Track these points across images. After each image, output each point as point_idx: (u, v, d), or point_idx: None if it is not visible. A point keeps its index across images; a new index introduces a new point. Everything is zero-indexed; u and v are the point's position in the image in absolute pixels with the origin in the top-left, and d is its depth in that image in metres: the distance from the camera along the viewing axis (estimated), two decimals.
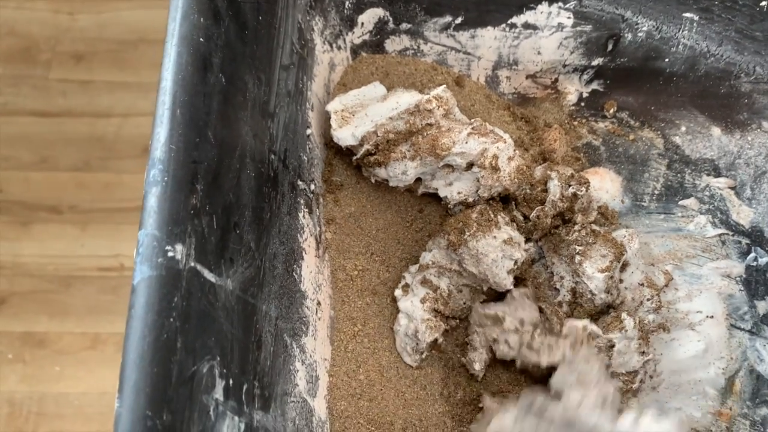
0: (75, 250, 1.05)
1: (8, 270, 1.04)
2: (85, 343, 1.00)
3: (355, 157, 0.52)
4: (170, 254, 0.33)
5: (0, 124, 1.13)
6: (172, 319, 0.32)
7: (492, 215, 0.51)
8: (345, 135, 0.51)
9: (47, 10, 1.21)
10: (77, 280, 1.03)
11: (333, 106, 0.52)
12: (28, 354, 0.99)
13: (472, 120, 0.52)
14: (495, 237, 0.49)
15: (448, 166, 0.52)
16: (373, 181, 0.54)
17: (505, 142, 0.51)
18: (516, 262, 0.50)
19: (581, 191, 0.53)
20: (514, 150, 0.52)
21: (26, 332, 1.00)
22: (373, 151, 0.51)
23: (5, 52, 1.18)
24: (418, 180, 0.53)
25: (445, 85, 0.52)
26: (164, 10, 1.15)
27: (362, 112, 0.52)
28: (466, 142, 0.50)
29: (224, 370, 0.35)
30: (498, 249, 0.49)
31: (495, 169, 0.51)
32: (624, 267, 0.52)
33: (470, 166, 0.51)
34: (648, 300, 0.53)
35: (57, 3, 1.22)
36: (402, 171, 0.51)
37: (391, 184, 0.53)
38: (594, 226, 0.53)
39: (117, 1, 1.22)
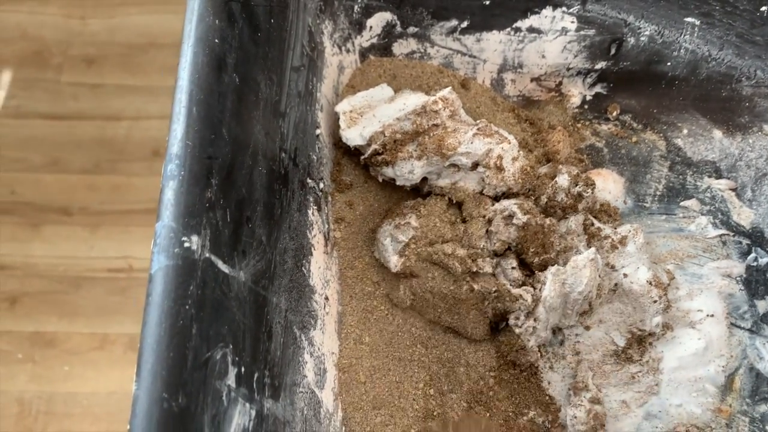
0: (85, 251, 1.06)
1: (19, 270, 1.05)
2: (94, 343, 1.01)
3: (362, 157, 0.53)
4: (186, 245, 0.34)
5: (12, 126, 1.14)
6: (187, 307, 0.33)
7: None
8: (353, 135, 0.52)
9: (59, 15, 1.23)
10: (87, 281, 1.04)
11: (342, 107, 0.54)
12: (38, 354, 1.00)
13: (478, 121, 0.54)
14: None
15: (454, 165, 0.53)
16: (380, 180, 0.55)
17: (510, 143, 0.53)
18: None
19: (587, 192, 0.54)
20: (519, 151, 0.53)
21: (36, 332, 1.01)
22: (380, 151, 0.52)
23: (18, 55, 1.20)
24: (425, 179, 0.55)
25: (450, 87, 0.54)
26: (174, 15, 1.17)
27: (370, 113, 0.53)
28: (472, 143, 0.52)
29: (236, 358, 0.37)
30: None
31: (500, 169, 0.52)
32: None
33: (475, 165, 0.52)
34: (655, 302, 0.54)
35: (69, 8, 1.24)
36: (409, 170, 0.52)
37: (398, 182, 0.54)
38: (595, 221, 0.54)
39: (128, 5, 1.24)
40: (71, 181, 1.11)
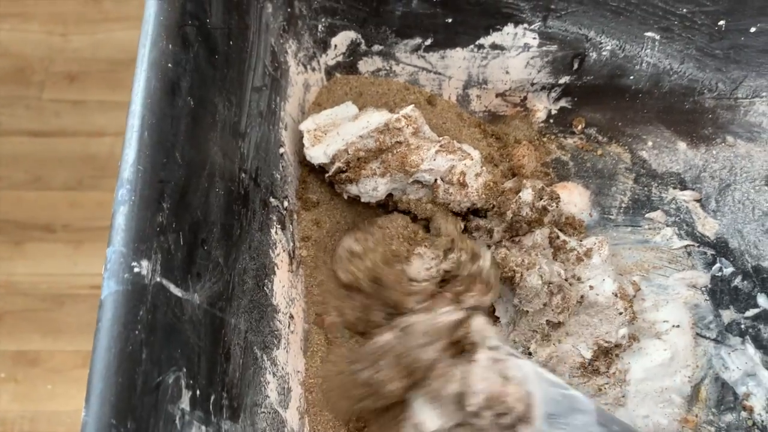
0: (68, 268, 1.06)
1: (1, 289, 1.05)
2: (78, 361, 1.01)
3: (327, 175, 0.54)
4: (136, 270, 0.34)
5: None
6: (137, 332, 0.33)
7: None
8: (317, 153, 0.53)
9: (41, 32, 1.23)
10: (70, 298, 1.04)
11: (306, 126, 0.54)
12: (21, 373, 1.00)
13: (441, 138, 0.54)
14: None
15: (418, 182, 0.53)
16: (345, 197, 0.55)
17: (473, 159, 0.53)
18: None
19: (552, 206, 0.54)
20: (482, 166, 0.54)
21: (19, 351, 1.01)
22: (344, 169, 0.53)
23: None
24: (390, 195, 0.55)
25: (413, 105, 0.54)
26: None
27: (334, 131, 0.54)
28: (434, 159, 0.52)
29: (191, 381, 0.37)
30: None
31: (462, 185, 0.53)
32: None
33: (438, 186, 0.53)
34: (621, 313, 0.54)
35: (51, 24, 1.24)
36: (373, 187, 0.53)
37: (363, 200, 0.54)
38: (560, 234, 0.54)
39: (110, 22, 1.24)
40: (54, 198, 1.11)
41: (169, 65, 0.39)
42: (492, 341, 0.48)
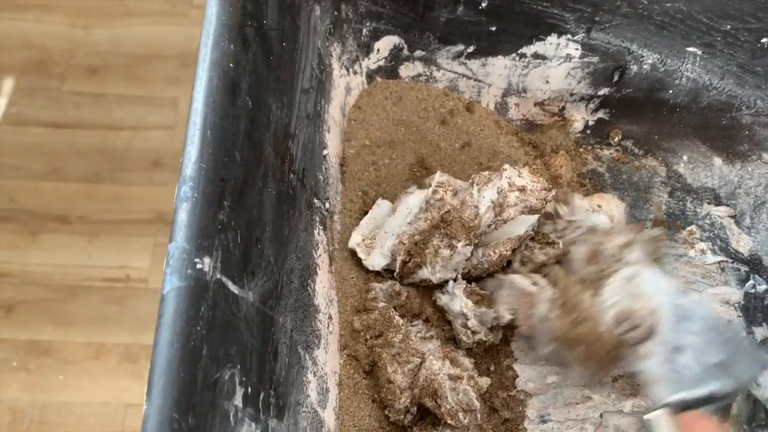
0: (82, 260, 1.06)
1: (16, 278, 1.05)
2: (90, 352, 1.01)
3: (395, 273, 0.53)
4: (198, 266, 0.34)
5: (13, 134, 1.15)
6: (198, 328, 0.34)
7: None
8: (377, 260, 0.53)
9: (63, 24, 1.24)
10: (83, 290, 1.04)
11: (354, 241, 0.54)
12: (33, 362, 1.00)
13: (471, 178, 0.54)
14: None
15: (489, 226, 0.53)
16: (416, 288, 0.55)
17: (506, 169, 0.53)
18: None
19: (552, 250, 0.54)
20: (515, 167, 0.53)
21: (31, 340, 1.01)
22: (407, 260, 0.52)
23: (21, 63, 1.20)
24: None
25: (439, 171, 0.53)
26: (177, 27, 1.18)
27: (381, 232, 0.53)
28: (483, 197, 0.52)
29: (243, 378, 0.37)
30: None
31: (521, 189, 0.52)
32: None
33: (501, 210, 0.52)
34: None
35: (73, 17, 1.25)
36: (442, 266, 0.52)
37: (434, 281, 0.53)
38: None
39: (132, 16, 1.25)
40: (70, 189, 1.12)
41: (231, 65, 0.39)
42: (632, 255, 0.51)
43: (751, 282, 0.59)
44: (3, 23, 1.23)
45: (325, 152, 0.54)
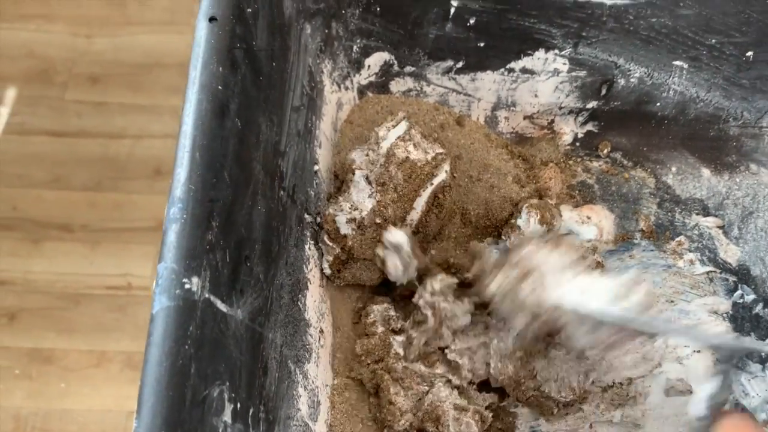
0: (84, 268, 1.07)
1: (18, 286, 1.06)
2: (92, 360, 1.02)
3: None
4: (187, 286, 0.35)
5: (15, 142, 1.16)
6: (187, 347, 0.34)
7: None
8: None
9: (65, 33, 1.25)
10: (85, 297, 1.05)
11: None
12: (35, 370, 1.01)
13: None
14: None
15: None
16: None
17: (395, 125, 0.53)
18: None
19: None
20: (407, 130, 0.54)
21: (34, 348, 1.02)
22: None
23: (23, 73, 1.21)
24: None
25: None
26: (179, 36, 1.18)
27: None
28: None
29: (233, 395, 0.38)
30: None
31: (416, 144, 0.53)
32: None
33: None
34: None
35: (75, 26, 1.26)
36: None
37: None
38: None
39: (133, 25, 1.26)
40: (73, 198, 1.13)
41: (219, 87, 0.40)
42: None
43: (739, 292, 0.59)
44: (5, 33, 1.24)
45: (316, 168, 0.55)
